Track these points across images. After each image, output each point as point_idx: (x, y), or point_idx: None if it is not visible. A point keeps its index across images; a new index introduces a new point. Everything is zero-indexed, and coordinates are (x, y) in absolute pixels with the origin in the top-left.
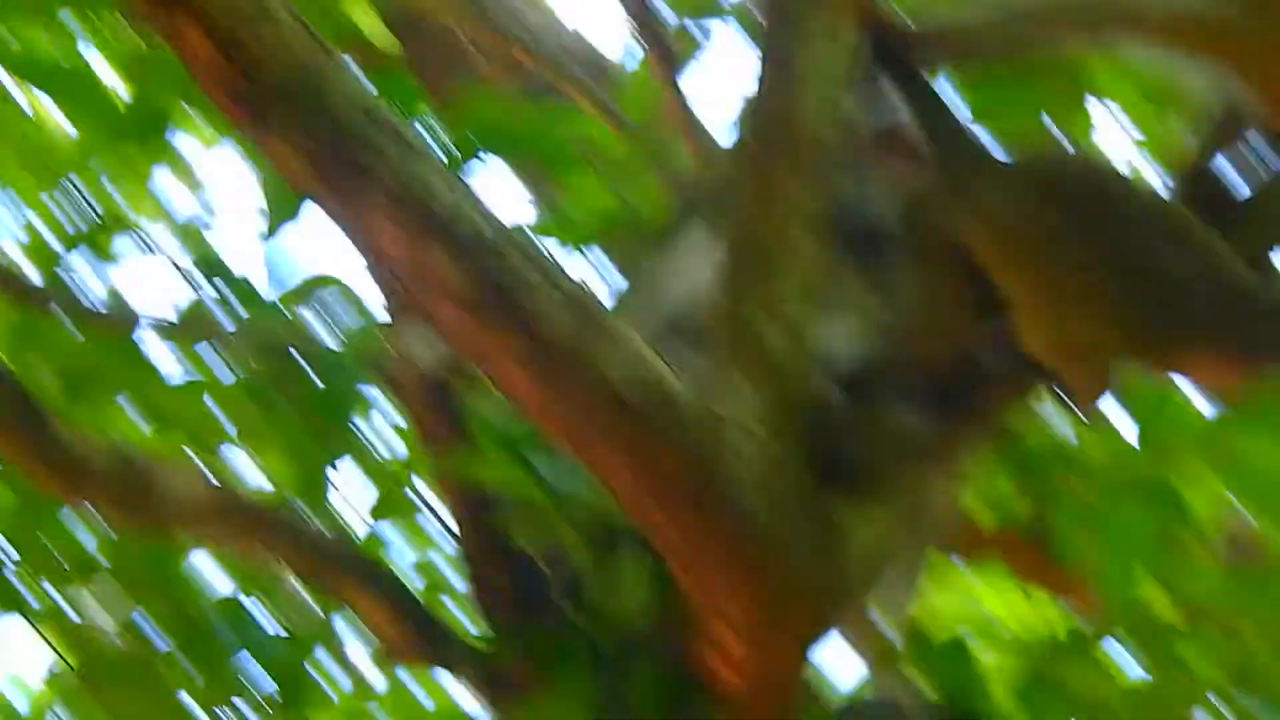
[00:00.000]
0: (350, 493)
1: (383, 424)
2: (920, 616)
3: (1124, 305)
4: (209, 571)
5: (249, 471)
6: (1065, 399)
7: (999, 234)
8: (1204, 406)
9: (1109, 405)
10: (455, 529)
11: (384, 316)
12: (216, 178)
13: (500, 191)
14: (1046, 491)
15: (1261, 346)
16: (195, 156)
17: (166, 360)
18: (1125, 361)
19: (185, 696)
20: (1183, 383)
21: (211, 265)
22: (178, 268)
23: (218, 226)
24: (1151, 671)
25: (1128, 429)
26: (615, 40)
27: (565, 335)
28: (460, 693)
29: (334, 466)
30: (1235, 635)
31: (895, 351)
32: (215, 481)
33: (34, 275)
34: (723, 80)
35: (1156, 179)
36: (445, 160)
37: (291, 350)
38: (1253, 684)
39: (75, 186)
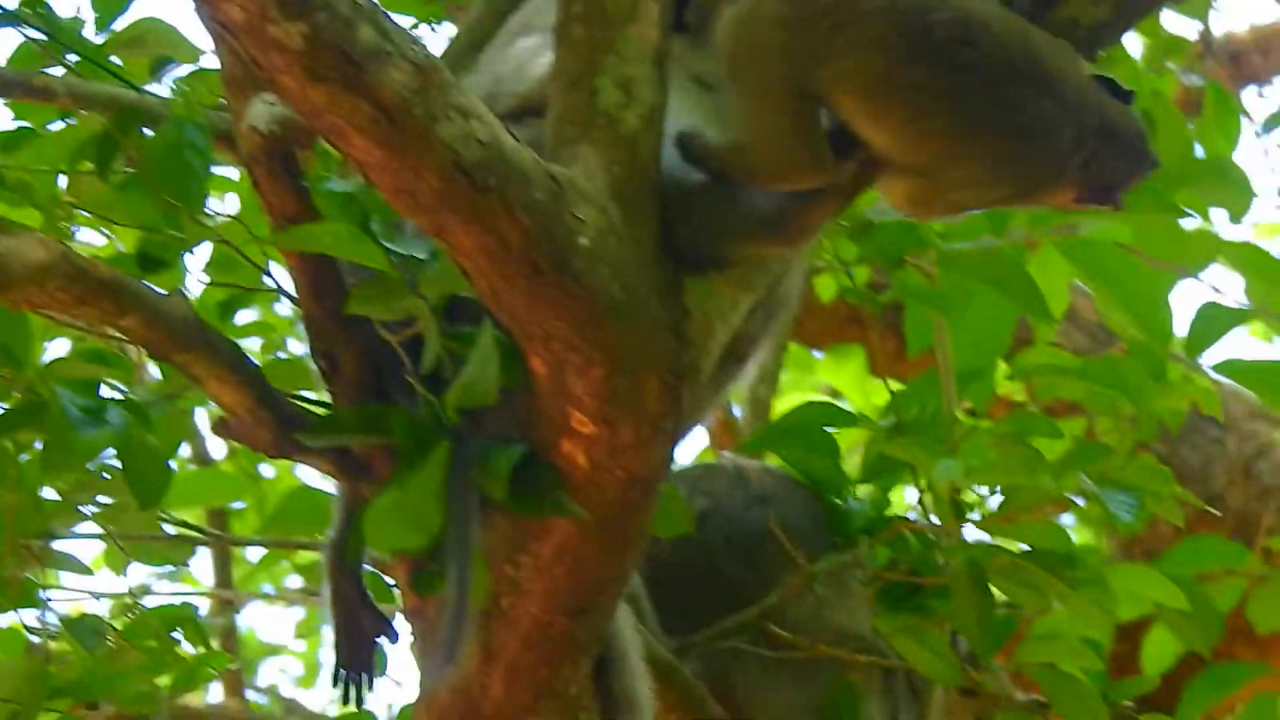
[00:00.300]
0: (196, 264)
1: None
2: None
3: (994, 166)
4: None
5: (93, 239)
6: None
7: (864, 88)
8: None
9: None
10: (300, 302)
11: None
12: None
13: None
14: (900, 277)
15: (1121, 180)
16: None
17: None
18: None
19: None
20: None
21: (44, 17)
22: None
23: None
24: (1003, 459)
25: None
26: None
27: (412, 104)
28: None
29: (181, 237)
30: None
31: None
32: (60, 248)
33: None
34: None
35: None
36: None
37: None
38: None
39: None
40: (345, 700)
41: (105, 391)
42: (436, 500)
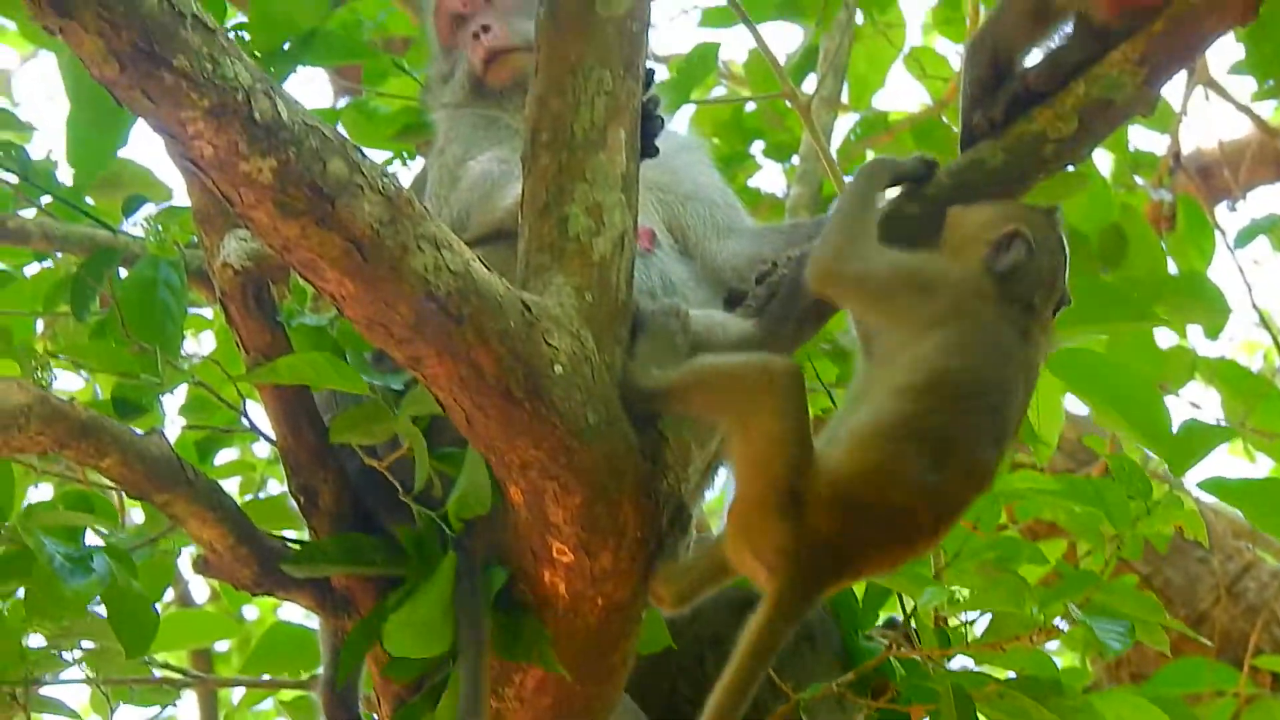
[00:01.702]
0: (172, 403)
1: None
2: None
3: None
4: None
5: (70, 382)
6: None
7: None
8: None
9: None
10: (276, 436)
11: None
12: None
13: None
14: None
15: None
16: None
17: None
18: None
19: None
20: None
21: (17, 159)
22: None
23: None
24: (988, 586)
25: None
26: None
27: (384, 236)
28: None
29: (157, 381)
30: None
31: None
32: (38, 392)
33: None
34: None
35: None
36: (257, 64)
37: (101, 247)
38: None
39: None
40: None
41: (89, 538)
42: (448, 610)
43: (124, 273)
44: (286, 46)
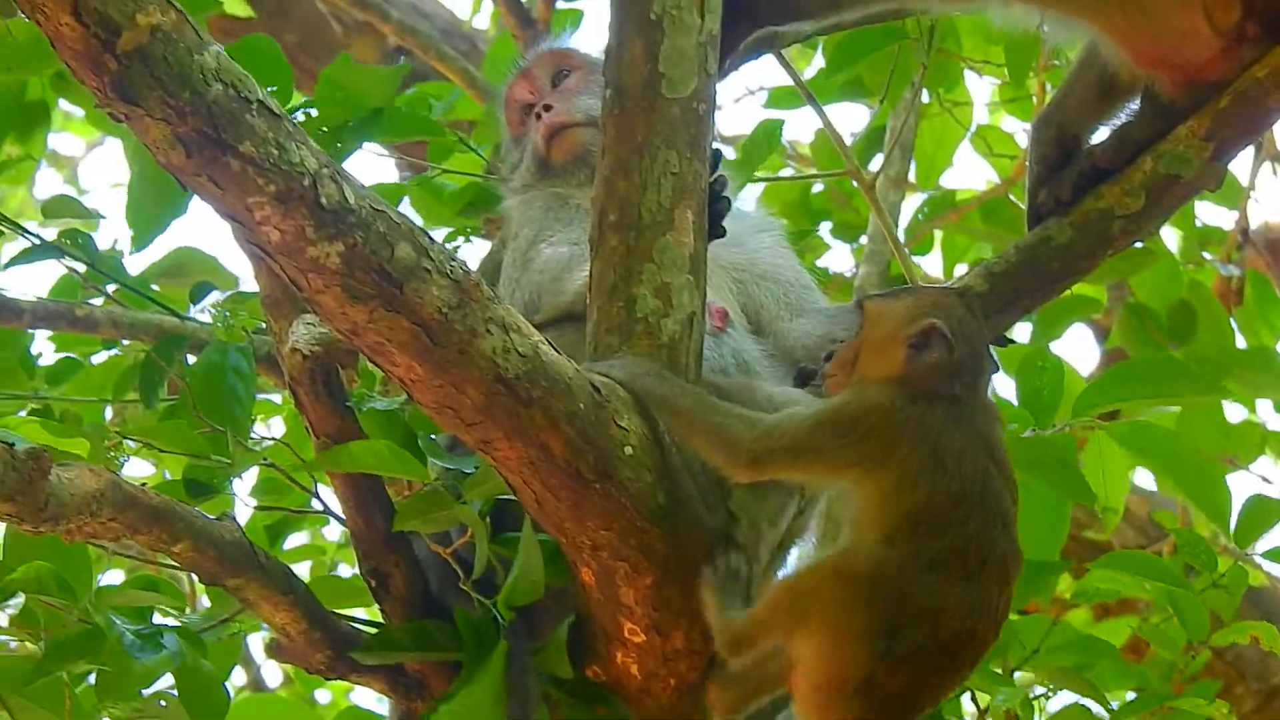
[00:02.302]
0: (243, 487)
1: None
2: None
3: None
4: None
5: (141, 468)
6: None
7: None
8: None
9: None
10: (347, 520)
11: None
12: (94, 170)
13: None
14: None
15: None
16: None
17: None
18: None
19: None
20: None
21: (84, 247)
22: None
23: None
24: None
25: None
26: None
27: (452, 320)
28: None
29: (228, 462)
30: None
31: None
32: (110, 477)
33: None
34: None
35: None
36: (322, 139)
37: (168, 333)
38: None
39: None
40: None
41: (158, 619)
42: (497, 702)
43: (192, 359)
44: (352, 124)
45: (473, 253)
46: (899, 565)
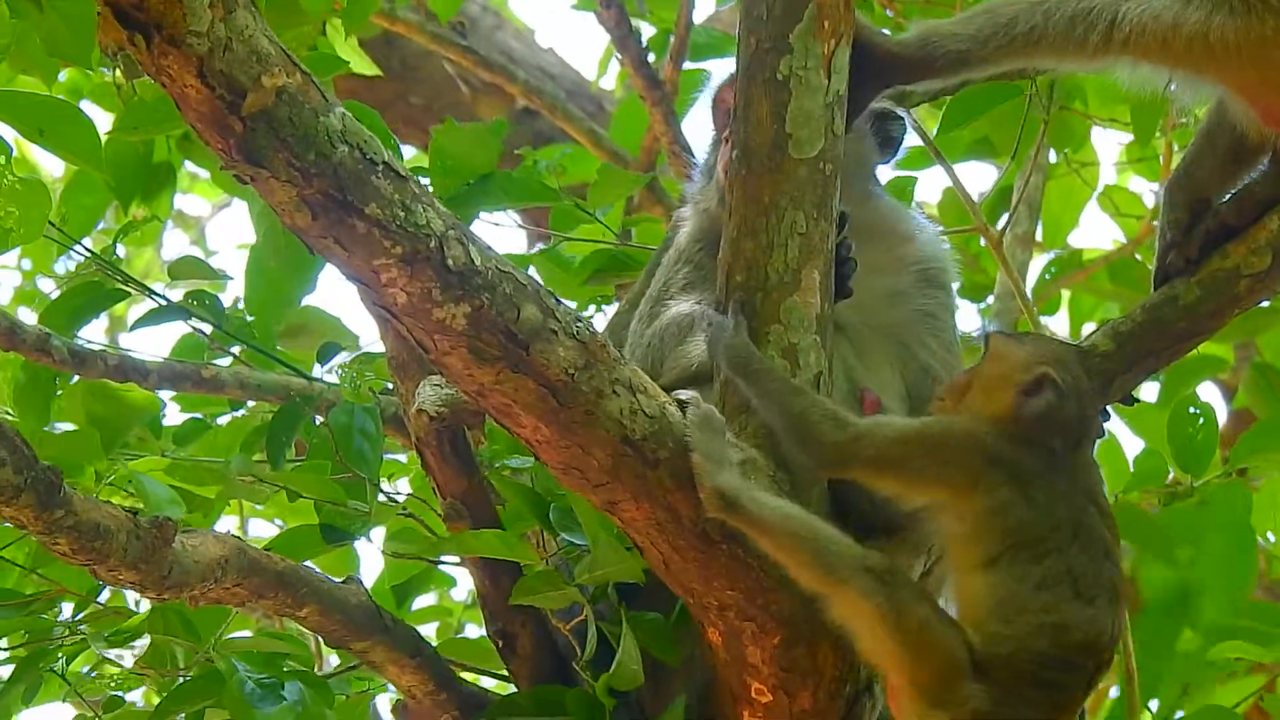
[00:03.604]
0: (370, 550)
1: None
2: None
3: None
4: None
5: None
6: None
7: None
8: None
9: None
10: (474, 581)
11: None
12: (220, 231)
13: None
14: None
15: None
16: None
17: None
18: None
19: None
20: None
21: (210, 308)
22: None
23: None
24: None
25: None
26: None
27: (578, 381)
28: None
29: (365, 509)
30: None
31: None
32: (235, 543)
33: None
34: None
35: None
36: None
37: (295, 394)
38: None
39: (85, 248)
40: None
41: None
42: None
43: (318, 420)
44: (463, 189)
45: (602, 322)
46: (1016, 584)
